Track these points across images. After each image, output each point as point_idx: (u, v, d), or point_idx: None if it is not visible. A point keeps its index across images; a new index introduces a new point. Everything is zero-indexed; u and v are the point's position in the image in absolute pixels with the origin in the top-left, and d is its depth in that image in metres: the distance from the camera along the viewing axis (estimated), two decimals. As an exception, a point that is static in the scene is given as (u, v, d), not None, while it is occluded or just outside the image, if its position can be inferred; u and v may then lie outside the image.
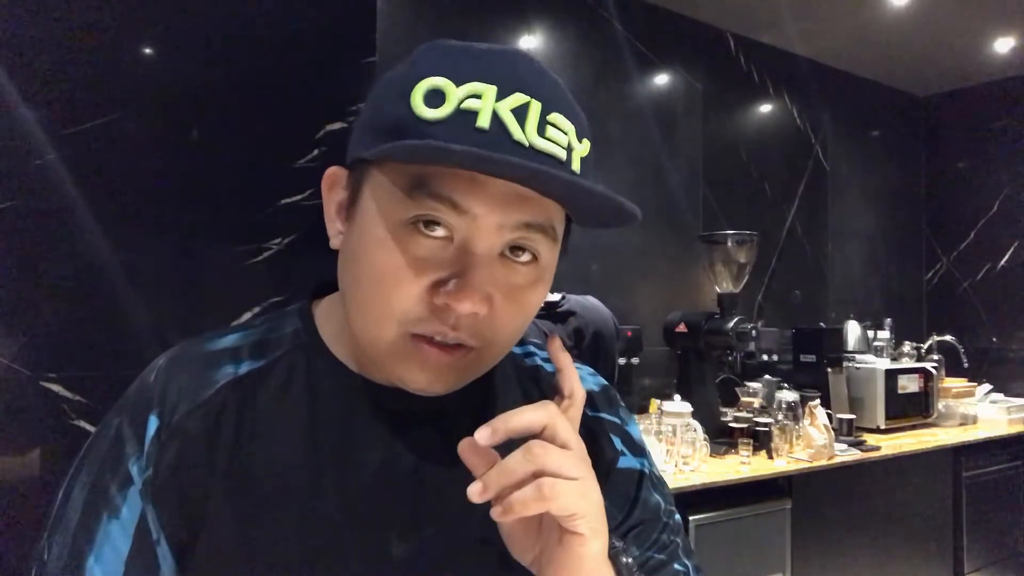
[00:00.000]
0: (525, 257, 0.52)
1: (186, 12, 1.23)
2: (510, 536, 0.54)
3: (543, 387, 0.66)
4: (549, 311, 1.97)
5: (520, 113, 0.49)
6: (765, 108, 3.50)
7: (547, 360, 0.68)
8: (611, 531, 0.59)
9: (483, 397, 0.62)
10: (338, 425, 0.57)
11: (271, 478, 0.54)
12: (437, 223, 0.49)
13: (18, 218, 1.08)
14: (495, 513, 0.48)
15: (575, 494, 0.48)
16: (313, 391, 0.57)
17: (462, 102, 0.48)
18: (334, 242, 0.57)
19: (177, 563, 0.53)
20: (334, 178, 0.58)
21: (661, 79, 3.10)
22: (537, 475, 0.47)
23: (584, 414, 0.63)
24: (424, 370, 0.52)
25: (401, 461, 0.57)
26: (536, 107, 0.49)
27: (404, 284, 0.50)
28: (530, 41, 2.70)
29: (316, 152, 1.31)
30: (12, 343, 1.08)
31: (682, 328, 2.68)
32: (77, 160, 1.12)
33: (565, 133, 0.50)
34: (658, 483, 0.67)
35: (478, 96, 0.48)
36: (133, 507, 0.52)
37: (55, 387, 1.10)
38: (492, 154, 0.44)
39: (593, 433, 0.65)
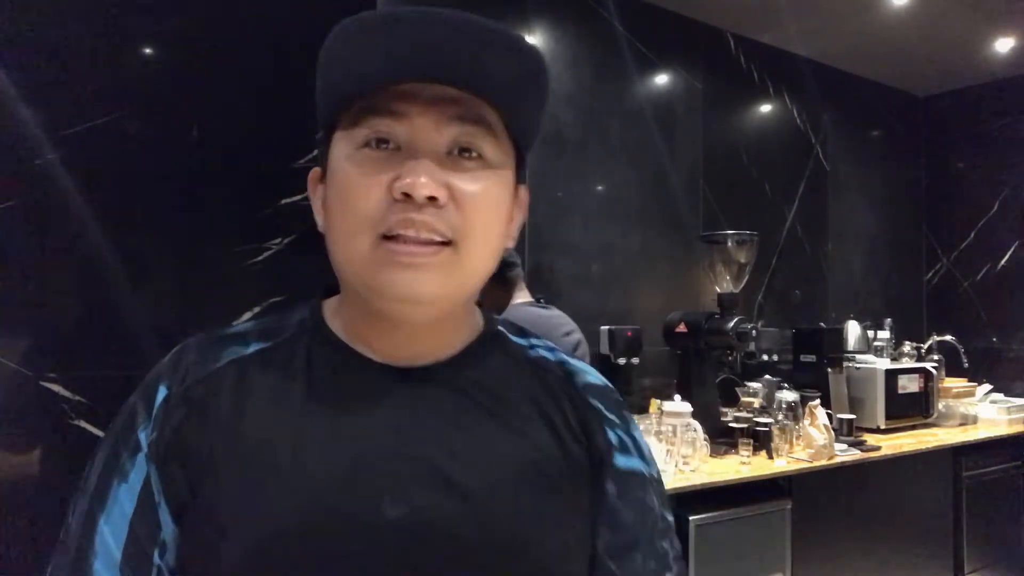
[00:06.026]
0: (472, 155, 0.58)
1: (186, 12, 1.23)
2: None
3: (545, 376, 0.67)
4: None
5: None
6: (765, 108, 3.50)
7: (549, 350, 0.70)
8: (617, 532, 0.63)
9: (479, 372, 0.63)
10: (330, 395, 0.59)
11: (264, 445, 0.57)
12: (385, 140, 0.56)
13: (18, 218, 1.08)
14: None
15: None
16: (310, 365, 0.61)
17: None
18: (322, 227, 0.63)
19: (176, 525, 0.56)
20: (316, 176, 0.65)
21: (661, 79, 3.10)
22: None
23: (583, 399, 0.66)
24: (402, 270, 0.55)
25: (391, 428, 0.58)
26: None
27: (366, 190, 0.55)
28: (530, 41, 2.70)
29: (316, 152, 1.32)
30: (12, 343, 1.08)
31: (682, 328, 2.68)
32: (77, 160, 1.12)
33: None
34: (659, 487, 0.69)
35: None
36: (140, 471, 0.57)
37: (55, 387, 1.10)
38: (405, 8, 0.51)
39: (585, 417, 0.65)
